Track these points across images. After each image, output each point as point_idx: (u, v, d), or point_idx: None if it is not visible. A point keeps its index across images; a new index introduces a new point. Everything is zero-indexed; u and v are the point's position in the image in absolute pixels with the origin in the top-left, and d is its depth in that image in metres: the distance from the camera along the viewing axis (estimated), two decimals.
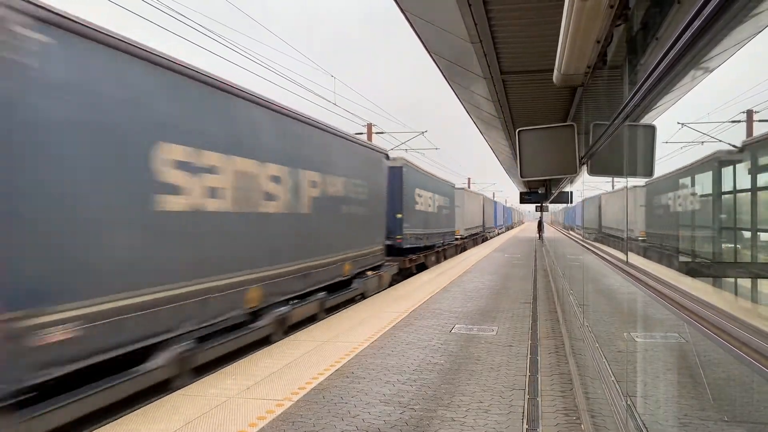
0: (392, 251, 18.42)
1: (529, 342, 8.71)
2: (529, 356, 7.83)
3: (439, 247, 26.45)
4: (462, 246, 34.39)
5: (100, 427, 5.54)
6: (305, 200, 11.09)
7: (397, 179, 18.88)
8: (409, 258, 20.53)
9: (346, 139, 13.92)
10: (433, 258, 24.86)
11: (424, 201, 22.84)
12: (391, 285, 17.07)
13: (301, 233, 10.98)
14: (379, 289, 16.09)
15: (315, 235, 11.66)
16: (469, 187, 57.89)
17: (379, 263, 16.44)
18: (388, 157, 17.57)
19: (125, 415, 5.81)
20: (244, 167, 8.84)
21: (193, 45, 13.07)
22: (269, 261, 9.68)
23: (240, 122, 8.95)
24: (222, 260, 8.24)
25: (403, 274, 19.44)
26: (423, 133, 32.12)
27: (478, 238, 44.46)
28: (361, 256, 14.59)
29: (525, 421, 5.41)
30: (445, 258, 27.90)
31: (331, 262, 12.47)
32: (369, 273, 15.52)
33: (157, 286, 6.87)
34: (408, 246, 19.88)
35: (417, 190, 21.46)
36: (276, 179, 9.91)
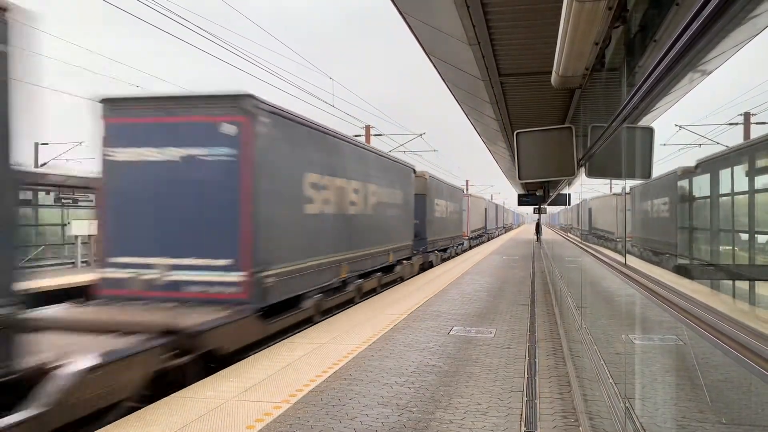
0: (417, 247, 22.51)
1: (527, 344, 8.70)
2: (527, 358, 7.82)
3: (450, 245, 31.03)
4: (469, 245, 38.94)
5: (99, 427, 5.52)
6: (370, 205, 15.62)
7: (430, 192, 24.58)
8: (431, 252, 25.24)
9: (390, 159, 18.94)
10: (448, 252, 30.38)
11: (441, 208, 27.21)
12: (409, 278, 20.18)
13: (367, 228, 15.33)
14: (412, 274, 20.86)
15: (374, 230, 16.05)
16: (467, 189, 58.59)
17: (409, 255, 20.86)
18: (414, 172, 21.74)
19: (123, 417, 5.80)
20: (341, 184, 13.18)
21: (191, 47, 13.07)
22: (351, 247, 13.92)
23: (338, 154, 13.18)
24: (329, 245, 12.44)
25: (423, 267, 23.45)
26: (421, 135, 32.15)
27: (483, 237, 49.56)
28: (399, 249, 19.13)
29: (523, 423, 5.40)
30: (456, 254, 32.54)
31: (383, 251, 17.11)
32: (404, 262, 20.01)
33: (303, 260, 10.92)
34: (431, 241, 24.81)
35: (436, 200, 25.91)
36: (356, 191, 14.33)
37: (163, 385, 6.97)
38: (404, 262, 19.89)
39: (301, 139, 10.93)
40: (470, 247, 38.91)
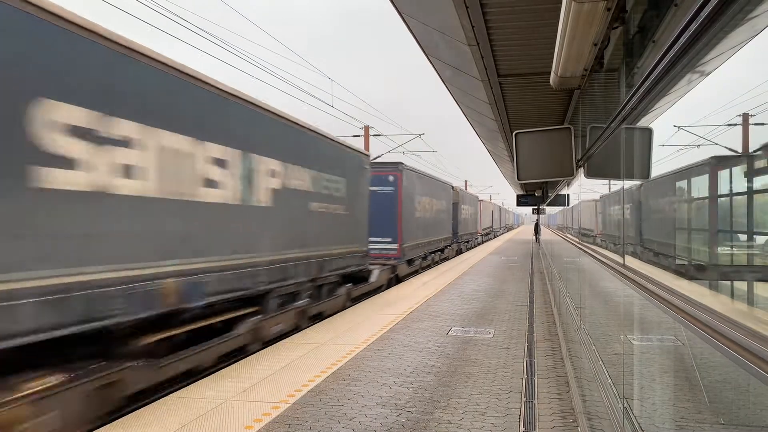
0: (453, 240, 32.11)
1: (526, 344, 8.71)
2: (525, 359, 7.83)
3: (470, 239, 41.06)
4: (481, 240, 49.52)
5: (97, 428, 5.52)
6: (431, 213, 24.83)
7: (461, 202, 34.80)
8: (459, 244, 34.62)
9: (440, 181, 27.99)
10: (469, 243, 40.41)
11: (464, 211, 36.90)
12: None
13: (432, 223, 24.86)
14: (453, 255, 31.78)
15: (437, 225, 26.13)
16: (466, 188, 59.71)
17: (448, 245, 30.13)
18: (453, 188, 31.87)
19: (120, 418, 5.79)
20: (429, 202, 24.01)
21: (189, 47, 13.07)
22: (428, 234, 23.97)
23: (431, 186, 24.08)
24: (425, 233, 23.67)
25: (459, 251, 34.73)
26: (420, 135, 32.17)
27: (491, 235, 61.23)
28: (444, 239, 28.43)
29: (521, 423, 5.40)
30: (474, 246, 42.95)
31: (437, 240, 26.41)
32: (446, 249, 29.46)
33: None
34: (460, 235, 34.34)
35: (462, 206, 35.38)
36: (431, 206, 24.70)
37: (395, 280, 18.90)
38: (447, 248, 29.98)
39: (416, 181, 21.52)
40: (482, 242, 49.66)
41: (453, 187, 31.98)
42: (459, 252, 34.22)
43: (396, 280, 19.00)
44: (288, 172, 10.29)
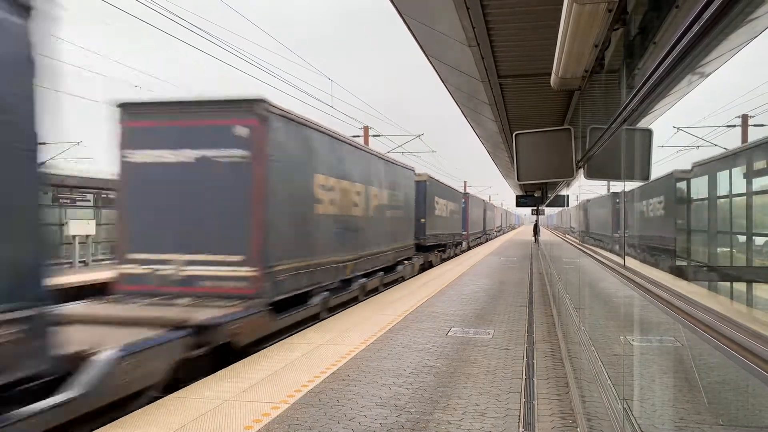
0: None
1: (525, 345, 8.71)
2: (525, 359, 7.83)
3: (483, 234, 52.49)
4: (494, 235, 65.74)
5: (96, 429, 5.51)
6: (456, 218, 32.87)
7: (466, 206, 38.58)
8: (476, 239, 44.19)
9: (456, 191, 33.67)
10: (484, 237, 53.30)
11: (479, 214, 47.09)
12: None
13: (441, 220, 27.23)
14: (463, 249, 36.93)
15: (447, 222, 29.19)
16: (465, 189, 60.86)
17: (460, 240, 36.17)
18: (465, 194, 39.10)
19: (120, 418, 5.79)
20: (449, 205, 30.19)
21: (188, 47, 13.07)
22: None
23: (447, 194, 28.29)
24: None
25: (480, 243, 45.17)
26: (419, 136, 32.17)
27: (499, 232, 77.78)
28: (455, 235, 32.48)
29: (521, 424, 5.41)
30: (486, 241, 54.97)
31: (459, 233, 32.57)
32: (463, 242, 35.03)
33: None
34: (478, 231, 45.98)
35: (475, 210, 42.98)
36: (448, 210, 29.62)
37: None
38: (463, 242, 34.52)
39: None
40: (495, 237, 65.81)
41: (466, 194, 40.90)
42: (482, 243, 43.72)
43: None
44: (380, 193, 17.15)
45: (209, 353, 7.98)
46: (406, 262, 20.74)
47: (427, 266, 24.82)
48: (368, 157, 16.12)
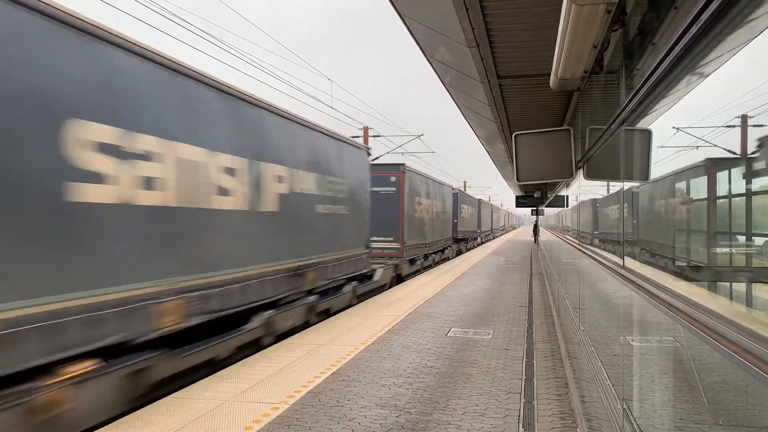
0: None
1: (525, 346, 8.72)
2: (524, 360, 7.83)
3: (492, 231, 61.27)
4: (500, 233, 77.87)
5: (98, 428, 5.52)
6: (473, 219, 42.38)
7: (479, 210, 46.35)
8: (486, 236, 50.14)
9: (473, 198, 42.16)
10: (492, 234, 61.24)
11: (487, 215, 54.52)
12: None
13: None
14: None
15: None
16: (465, 189, 62.09)
17: (475, 237, 40.74)
18: (479, 200, 45.75)
19: (120, 418, 5.79)
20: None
21: (188, 47, 13.07)
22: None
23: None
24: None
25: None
26: (419, 136, 32.17)
27: (504, 230, 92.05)
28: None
29: (521, 424, 5.41)
30: (494, 237, 64.02)
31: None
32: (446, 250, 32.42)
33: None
34: (491, 229, 56.37)
35: (485, 212, 50.84)
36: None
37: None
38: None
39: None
40: (500, 235, 77.50)
41: (481, 201, 46.23)
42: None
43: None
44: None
45: (395, 276, 19.25)
46: (451, 248, 31.02)
47: (458, 253, 34.90)
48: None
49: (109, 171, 6.06)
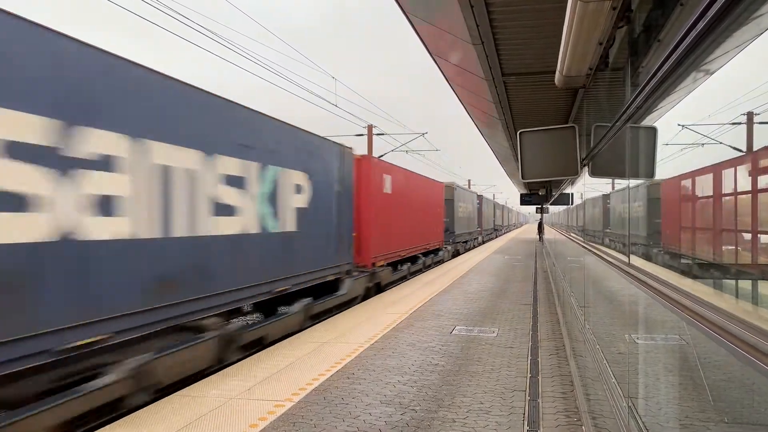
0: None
1: (530, 343, 8.71)
2: (529, 358, 7.83)
3: (503, 227, 71.02)
4: (513, 228, 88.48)
5: (99, 428, 5.54)
6: (491, 221, 55.48)
7: (481, 206, 48.54)
8: (503, 230, 64.26)
9: (497, 203, 60.09)
10: (503, 230, 71.75)
11: (500, 215, 67.96)
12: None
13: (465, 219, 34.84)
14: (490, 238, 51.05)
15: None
16: (469, 187, 63.18)
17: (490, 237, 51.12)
18: (499, 205, 64.17)
19: (124, 417, 5.81)
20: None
21: (193, 45, 13.08)
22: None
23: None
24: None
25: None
26: (423, 134, 32.13)
27: (512, 227, 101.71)
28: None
29: (526, 422, 5.41)
30: (505, 233, 71.74)
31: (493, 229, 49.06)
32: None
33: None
34: (503, 225, 72.42)
35: (497, 212, 62.75)
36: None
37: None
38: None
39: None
40: (512, 230, 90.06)
41: (493, 202, 54.66)
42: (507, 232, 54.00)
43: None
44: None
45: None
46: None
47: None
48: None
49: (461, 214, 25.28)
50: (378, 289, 16.33)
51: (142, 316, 6.58)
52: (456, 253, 31.67)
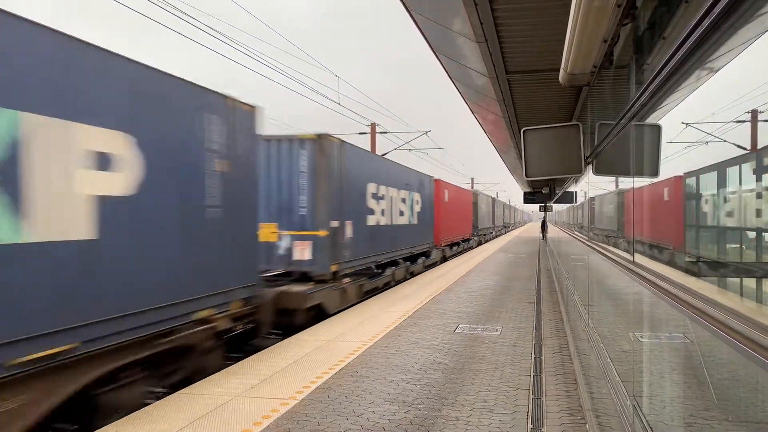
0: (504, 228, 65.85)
1: (534, 342, 8.70)
2: (533, 356, 7.82)
3: (511, 225, 78.76)
4: (520, 225, 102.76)
5: (102, 426, 5.56)
6: (502, 219, 63.84)
7: (508, 211, 73.16)
8: (511, 226, 75.64)
9: (507, 204, 67.64)
10: (513, 226, 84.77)
11: (509, 214, 76.87)
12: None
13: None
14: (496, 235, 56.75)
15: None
16: (472, 186, 65.20)
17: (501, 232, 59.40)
18: (508, 205, 73.26)
19: (129, 414, 5.83)
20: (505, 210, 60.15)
21: (198, 45, 13.10)
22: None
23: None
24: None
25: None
26: (426, 132, 32.12)
27: (519, 224, 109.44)
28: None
29: (529, 420, 5.41)
30: (514, 229, 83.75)
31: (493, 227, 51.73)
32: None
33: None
34: (512, 222, 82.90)
35: (506, 212, 70.55)
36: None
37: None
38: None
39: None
40: (518, 227, 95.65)
41: (499, 201, 58.68)
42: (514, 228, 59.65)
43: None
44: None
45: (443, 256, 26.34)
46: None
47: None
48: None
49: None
50: (443, 259, 26.69)
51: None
52: (479, 243, 41.73)
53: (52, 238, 5.41)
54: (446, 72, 9.24)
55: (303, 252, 12.03)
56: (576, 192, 22.45)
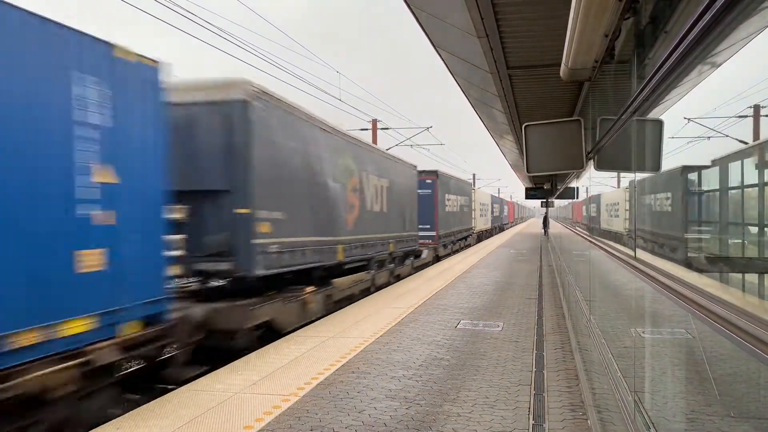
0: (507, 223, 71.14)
1: (535, 337, 8.70)
2: (534, 352, 7.82)
3: (516, 220, 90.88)
4: (524, 221, 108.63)
5: (105, 423, 5.56)
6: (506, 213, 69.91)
7: (514, 209, 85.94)
8: (518, 221, 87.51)
9: (508, 201, 73.77)
10: (515, 223, 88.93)
11: (516, 211, 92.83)
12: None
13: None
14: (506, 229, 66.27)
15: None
16: (474, 183, 64.63)
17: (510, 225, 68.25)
18: (513, 202, 79.34)
19: (130, 411, 5.84)
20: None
21: (197, 41, 13.09)
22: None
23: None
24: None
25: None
26: (428, 128, 32.12)
27: (524, 219, 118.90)
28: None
29: (531, 416, 5.40)
30: (518, 223, 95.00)
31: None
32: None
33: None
34: (520, 217, 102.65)
35: (514, 210, 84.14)
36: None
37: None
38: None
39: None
40: (520, 223, 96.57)
41: (505, 200, 66.82)
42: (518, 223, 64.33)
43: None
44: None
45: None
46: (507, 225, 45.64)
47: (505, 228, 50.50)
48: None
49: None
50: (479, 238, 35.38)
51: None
52: (499, 230, 50.93)
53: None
54: (447, 67, 9.22)
55: None
56: (577, 187, 22.40)
